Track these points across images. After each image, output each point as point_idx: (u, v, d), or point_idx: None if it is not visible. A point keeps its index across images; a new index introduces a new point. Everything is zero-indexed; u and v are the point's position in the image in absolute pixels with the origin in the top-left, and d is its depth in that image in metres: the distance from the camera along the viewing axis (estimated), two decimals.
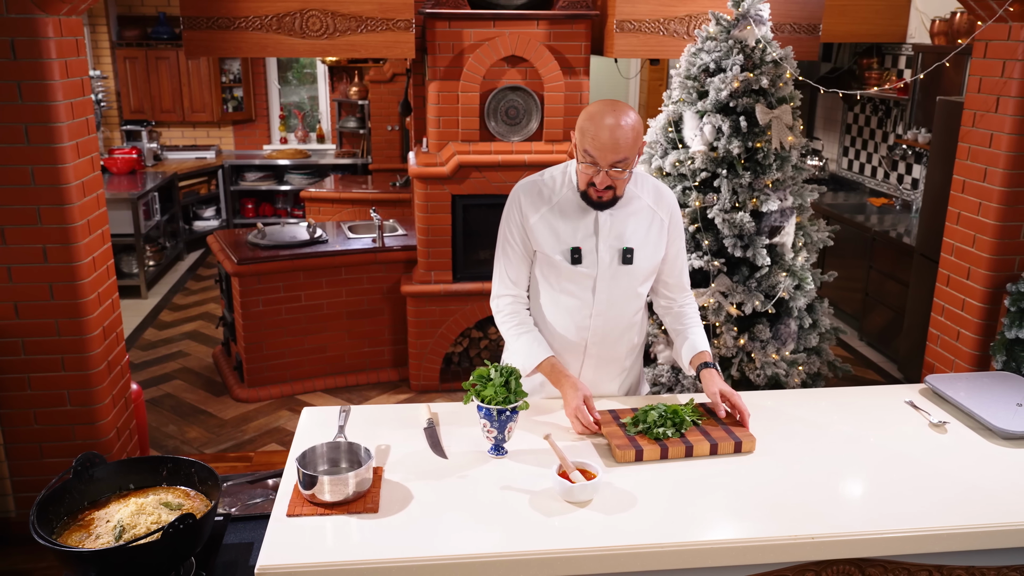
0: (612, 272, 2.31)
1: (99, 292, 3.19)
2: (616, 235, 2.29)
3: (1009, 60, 3.23)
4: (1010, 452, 2.15)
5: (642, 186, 2.34)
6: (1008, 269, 3.36)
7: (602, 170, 2.14)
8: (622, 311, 2.37)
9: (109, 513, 2.01)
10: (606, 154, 2.11)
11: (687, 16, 4.55)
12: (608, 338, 2.39)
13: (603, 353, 2.41)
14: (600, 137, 2.10)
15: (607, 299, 2.33)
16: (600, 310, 2.34)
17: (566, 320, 2.37)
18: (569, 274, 2.31)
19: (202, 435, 4.45)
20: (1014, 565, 1.94)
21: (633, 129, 2.13)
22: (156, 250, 7.15)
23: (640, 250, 2.31)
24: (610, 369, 2.46)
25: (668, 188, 2.41)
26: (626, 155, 2.13)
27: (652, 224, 2.33)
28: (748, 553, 1.78)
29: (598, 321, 2.35)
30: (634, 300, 2.38)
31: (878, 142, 6.55)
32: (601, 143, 2.11)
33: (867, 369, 5.35)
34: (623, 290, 2.34)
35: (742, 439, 2.11)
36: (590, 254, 2.29)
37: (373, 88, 7.45)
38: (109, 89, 7.86)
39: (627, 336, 2.43)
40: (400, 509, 1.85)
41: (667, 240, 2.37)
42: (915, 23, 5.95)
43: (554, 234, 2.29)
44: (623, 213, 2.29)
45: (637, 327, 2.46)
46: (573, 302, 2.35)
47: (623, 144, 2.11)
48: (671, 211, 2.37)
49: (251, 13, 4.27)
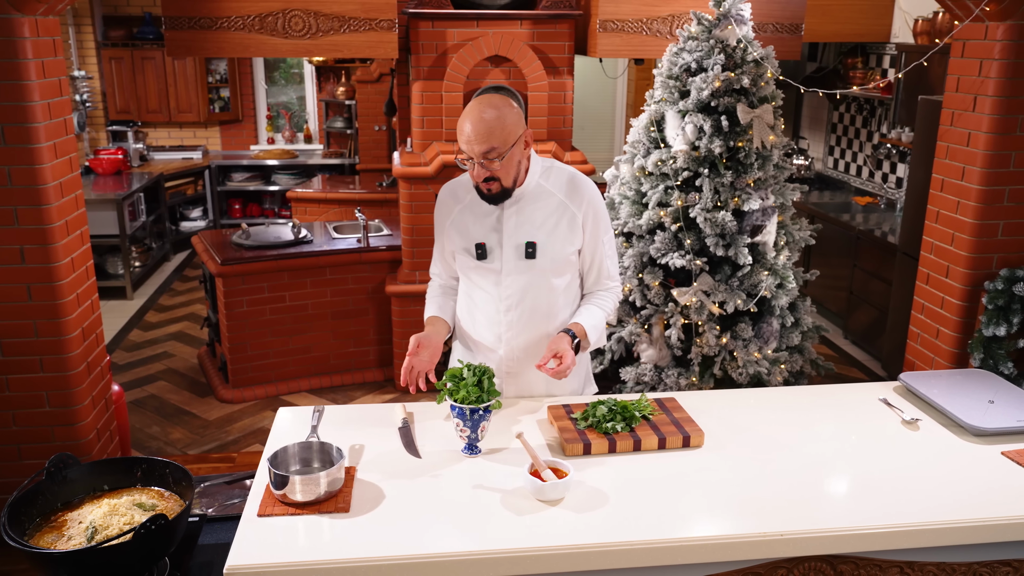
0: (517, 267, 2.33)
1: (78, 293, 3.18)
2: (520, 229, 2.32)
3: (986, 59, 3.25)
4: (981, 449, 2.16)
5: (555, 180, 2.35)
6: (986, 267, 3.38)
7: (476, 162, 2.18)
8: (536, 304, 2.37)
9: (82, 514, 2.01)
10: (472, 146, 2.16)
11: (670, 16, 4.56)
12: (524, 332, 2.39)
13: (523, 346, 2.41)
14: (464, 130, 2.17)
15: (516, 293, 2.35)
16: (510, 304, 2.36)
17: (481, 315, 2.42)
18: (477, 269, 2.38)
19: (186, 436, 4.44)
20: (984, 561, 1.96)
21: (498, 120, 2.15)
22: (142, 251, 7.12)
23: (545, 244, 2.32)
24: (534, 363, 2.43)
25: (588, 181, 2.39)
26: (493, 145, 2.15)
27: (562, 218, 2.33)
28: (719, 550, 1.79)
29: (512, 315, 2.37)
30: (548, 293, 2.37)
31: (863, 141, 6.58)
32: (466, 136, 2.16)
33: (851, 367, 5.38)
34: (533, 284, 2.35)
35: (691, 433, 2.14)
36: (494, 249, 2.33)
37: (360, 88, 7.45)
38: (95, 89, 7.83)
39: (547, 327, 2.41)
40: (372, 508, 1.85)
41: (583, 234, 2.36)
42: (899, 23, 5.97)
43: (464, 232, 2.36)
44: (530, 208, 2.32)
45: (563, 320, 2.43)
46: (485, 296, 2.40)
47: (485, 135, 2.14)
48: (588, 204, 2.35)
49: (233, 13, 4.26)
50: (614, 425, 2.11)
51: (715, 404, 2.41)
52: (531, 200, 2.32)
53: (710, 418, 2.29)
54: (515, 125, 2.19)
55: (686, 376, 3.93)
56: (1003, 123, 3.22)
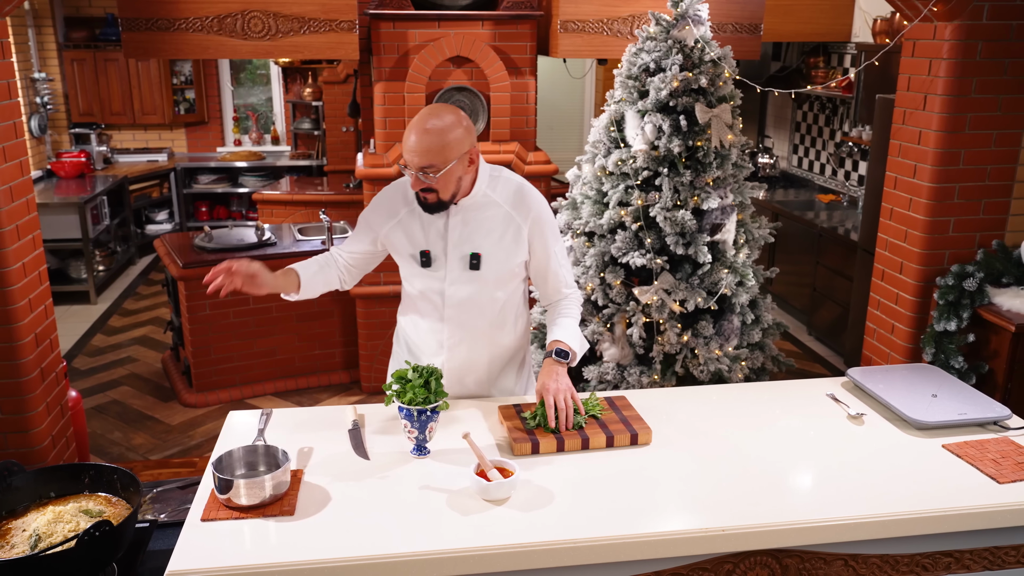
0: (460, 277, 2.32)
1: (30, 298, 3.14)
2: (465, 240, 2.30)
3: (935, 59, 3.30)
4: (923, 442, 2.20)
5: (502, 191, 2.33)
6: (938, 263, 3.44)
7: (414, 173, 2.16)
8: (477, 314, 2.36)
9: (26, 522, 1.99)
10: (412, 157, 2.15)
11: (630, 16, 4.59)
12: (465, 342, 2.39)
13: (461, 354, 2.40)
14: (407, 142, 2.15)
15: (459, 303, 2.34)
16: (451, 314, 2.36)
17: (423, 323, 2.41)
18: (421, 276, 2.36)
19: (148, 441, 4.39)
20: (926, 552, 1.99)
21: (440, 137, 2.12)
22: (106, 255, 7.04)
23: (490, 255, 2.31)
24: (475, 374, 2.45)
25: (535, 192, 2.37)
26: (431, 162, 2.13)
27: (507, 230, 2.32)
28: (663, 547, 1.81)
29: (452, 324, 2.37)
30: (491, 304, 2.37)
31: (826, 140, 6.66)
32: (408, 148, 2.15)
33: (814, 363, 5.44)
34: (476, 295, 2.34)
35: (638, 431, 2.16)
36: (439, 258, 2.32)
37: (327, 89, 7.41)
38: (56, 92, 7.72)
39: (490, 337, 2.41)
40: (318, 511, 1.85)
41: (528, 245, 2.35)
42: (859, 22, 6.05)
43: (409, 237, 2.34)
44: (475, 218, 2.30)
45: (504, 330, 2.43)
46: (427, 305, 2.39)
47: (424, 151, 2.12)
48: (534, 216, 2.33)
49: (191, 14, 4.23)
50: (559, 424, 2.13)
51: (665, 402, 2.43)
52: (477, 210, 2.31)
53: (660, 416, 2.31)
54: (458, 143, 2.16)
55: (648, 374, 3.95)
56: (952, 121, 3.28)
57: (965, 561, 2.00)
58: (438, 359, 2.42)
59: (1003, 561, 2.02)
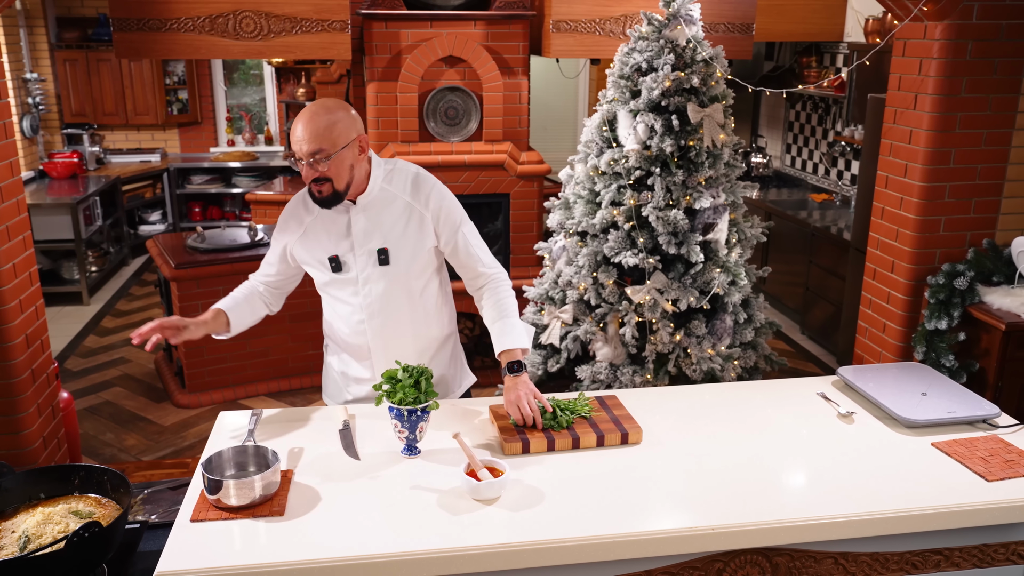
0: (372, 274, 2.32)
1: (21, 299, 3.13)
2: (370, 237, 2.30)
3: (925, 58, 3.31)
4: (913, 440, 2.21)
5: (399, 182, 2.33)
6: (929, 262, 3.45)
7: (304, 162, 2.17)
8: (399, 308, 2.36)
9: (15, 523, 1.98)
10: (300, 145, 2.16)
11: (622, 16, 4.59)
12: (392, 338, 2.39)
13: (390, 353, 2.38)
14: (295, 133, 2.17)
15: (376, 300, 2.34)
16: (372, 312, 2.35)
17: (345, 326, 2.41)
18: (334, 283, 2.35)
19: (141, 442, 4.38)
20: (916, 550, 2.00)
21: (327, 123, 2.14)
22: (99, 255, 7.02)
23: (398, 248, 2.31)
24: None
25: (430, 177, 2.38)
26: (320, 146, 2.14)
27: (411, 220, 2.32)
28: (652, 545, 1.81)
29: (374, 323, 2.36)
30: (408, 296, 2.36)
31: (818, 139, 6.67)
32: (296, 138, 2.17)
33: (807, 362, 5.45)
34: (392, 289, 2.34)
35: (629, 431, 2.16)
36: (347, 260, 2.32)
37: (320, 89, 7.38)
38: (48, 92, 7.70)
39: (414, 330, 2.41)
40: (307, 511, 1.85)
41: (435, 231, 2.35)
42: (851, 22, 6.06)
43: (316, 246, 2.34)
44: (376, 213, 2.30)
45: (427, 320, 2.43)
46: (346, 308, 2.38)
47: (312, 136, 2.14)
48: (434, 201, 2.33)
49: (183, 14, 4.22)
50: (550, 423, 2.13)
51: (657, 401, 2.44)
52: (377, 205, 2.30)
53: (651, 415, 2.31)
54: (346, 129, 2.17)
55: (641, 374, 3.96)
56: (942, 121, 3.29)
57: (954, 559, 2.01)
58: (366, 362, 2.42)
59: (992, 559, 2.02)
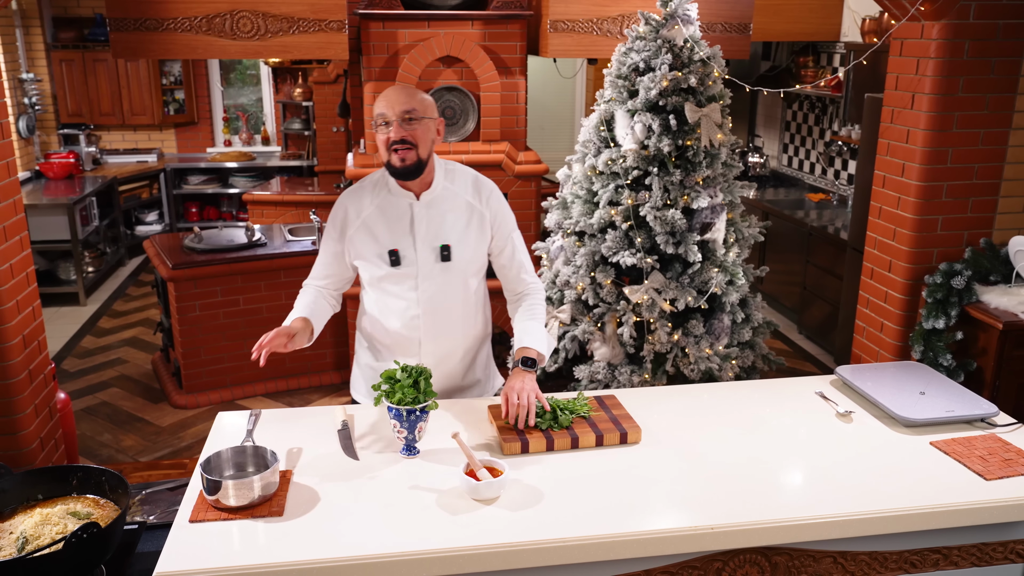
0: (432, 270, 2.34)
1: (18, 300, 3.12)
2: (433, 233, 2.33)
3: (922, 58, 3.32)
4: (911, 439, 2.21)
5: (460, 182, 2.38)
6: (926, 261, 3.46)
7: (394, 122, 2.20)
8: (451, 305, 2.39)
9: (13, 524, 1.98)
10: (393, 107, 2.20)
11: (619, 16, 4.59)
12: (441, 334, 2.41)
13: (439, 349, 2.42)
14: (387, 95, 2.23)
15: (432, 296, 2.36)
16: (427, 308, 2.36)
17: (395, 321, 2.40)
18: (390, 277, 2.35)
19: (138, 443, 4.37)
20: (914, 549, 2.00)
21: (417, 91, 2.26)
22: (95, 256, 7.00)
23: (459, 246, 2.34)
24: (449, 363, 2.47)
25: (489, 181, 2.44)
26: (413, 106, 2.21)
27: (472, 219, 2.36)
28: (652, 545, 1.81)
29: (428, 320, 2.37)
30: (463, 293, 2.40)
31: (815, 139, 6.68)
32: (386, 99, 2.22)
33: (804, 362, 5.46)
34: (448, 286, 2.36)
35: (628, 430, 2.16)
36: (408, 253, 2.32)
37: (317, 89, 7.40)
38: (44, 92, 7.68)
39: (464, 329, 2.44)
40: (307, 511, 1.85)
41: (491, 233, 2.40)
42: (848, 22, 6.07)
43: (373, 239, 2.34)
44: (439, 210, 2.34)
45: (475, 319, 2.47)
46: (399, 303, 2.38)
47: (406, 97, 2.21)
48: (494, 204, 2.39)
49: (180, 14, 4.21)
50: (541, 423, 2.12)
51: (655, 401, 2.44)
52: (440, 203, 2.34)
53: (650, 414, 2.31)
54: (431, 105, 2.27)
55: (639, 373, 3.96)
56: (939, 120, 3.30)
57: (953, 558, 2.01)
58: (413, 358, 2.42)
59: (991, 557, 2.03)
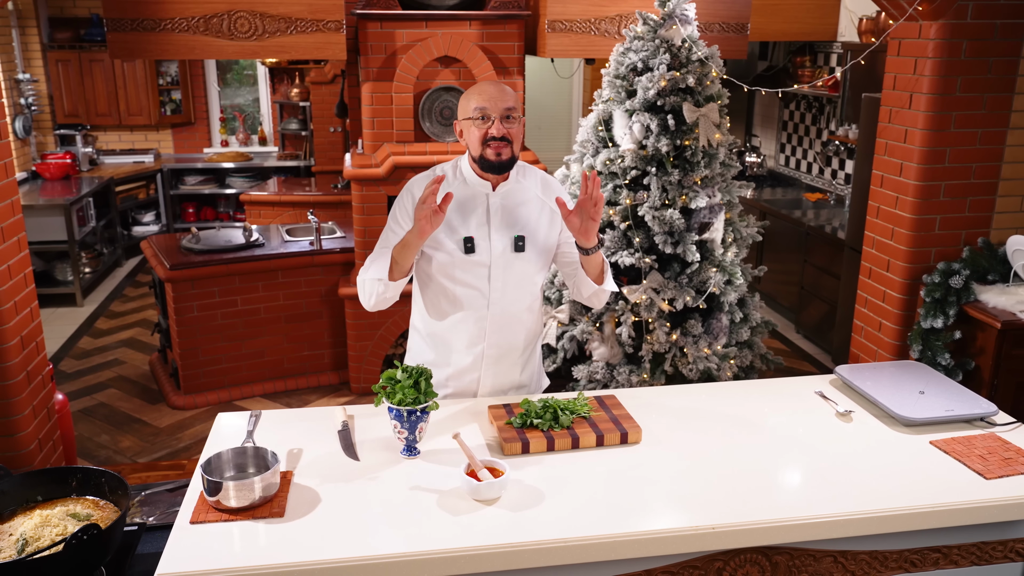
0: (505, 260, 2.37)
1: (15, 301, 3.11)
2: (507, 223, 2.37)
3: (920, 58, 3.32)
4: (911, 439, 2.21)
5: (531, 179, 2.45)
6: (924, 261, 3.46)
7: (495, 119, 2.24)
8: (519, 299, 2.42)
9: (13, 526, 1.97)
10: (496, 103, 2.25)
11: (617, 16, 4.60)
12: (506, 327, 2.43)
13: (502, 342, 2.45)
14: (487, 90, 2.27)
15: (502, 287, 2.38)
16: (496, 298, 2.39)
17: (464, 313, 2.40)
18: (464, 264, 2.36)
19: (136, 444, 4.37)
20: (915, 548, 2.00)
21: (513, 91, 2.31)
22: (92, 257, 6.99)
23: (532, 238, 2.39)
24: (511, 358, 2.49)
25: (555, 180, 2.53)
26: (514, 104, 2.28)
27: (542, 212, 2.42)
28: (652, 545, 1.81)
29: (496, 309, 2.40)
30: (529, 287, 2.44)
31: (812, 139, 6.69)
32: (488, 95, 2.26)
33: (802, 361, 5.46)
34: (518, 278, 2.40)
35: (628, 430, 2.16)
36: (483, 243, 2.35)
37: (315, 89, 7.39)
38: (41, 92, 7.66)
39: (525, 324, 2.48)
40: (307, 512, 1.84)
41: (559, 227, 2.46)
42: (845, 22, 6.08)
43: (447, 225, 2.35)
44: (513, 202, 2.39)
45: (535, 315, 2.52)
46: (470, 293, 2.39)
47: (508, 94, 2.28)
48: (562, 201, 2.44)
49: (177, 15, 4.21)
50: (541, 424, 2.12)
51: (655, 400, 2.43)
52: (514, 196, 2.39)
53: (650, 414, 2.31)
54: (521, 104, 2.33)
55: (637, 373, 3.96)
56: (937, 120, 3.30)
57: (953, 557, 2.01)
58: (476, 349, 2.42)
59: (990, 556, 2.03)
